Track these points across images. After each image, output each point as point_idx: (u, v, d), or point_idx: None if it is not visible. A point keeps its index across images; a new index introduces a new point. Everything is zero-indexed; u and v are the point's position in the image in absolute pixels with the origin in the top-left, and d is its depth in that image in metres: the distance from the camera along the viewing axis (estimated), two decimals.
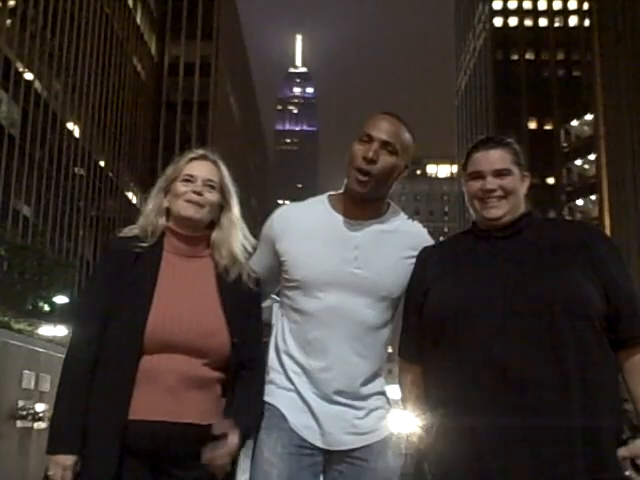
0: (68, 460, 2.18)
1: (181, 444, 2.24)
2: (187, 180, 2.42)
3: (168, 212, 2.46)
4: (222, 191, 2.47)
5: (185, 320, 2.29)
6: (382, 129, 2.36)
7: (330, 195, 2.53)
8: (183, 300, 2.33)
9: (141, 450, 2.21)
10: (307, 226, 2.46)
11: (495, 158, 2.23)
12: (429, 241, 2.48)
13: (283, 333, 2.47)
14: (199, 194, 2.40)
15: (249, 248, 2.51)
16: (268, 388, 2.44)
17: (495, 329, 2.02)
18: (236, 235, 2.48)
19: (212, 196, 2.43)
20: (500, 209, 2.19)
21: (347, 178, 2.43)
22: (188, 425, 2.24)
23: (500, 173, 2.21)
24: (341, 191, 2.50)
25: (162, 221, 2.44)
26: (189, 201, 2.40)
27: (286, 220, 2.51)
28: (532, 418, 1.95)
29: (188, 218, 2.41)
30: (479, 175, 2.23)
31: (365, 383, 2.39)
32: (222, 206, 2.48)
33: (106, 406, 2.21)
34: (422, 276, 2.31)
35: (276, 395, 2.42)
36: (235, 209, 2.51)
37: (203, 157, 2.48)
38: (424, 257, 2.36)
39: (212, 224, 2.48)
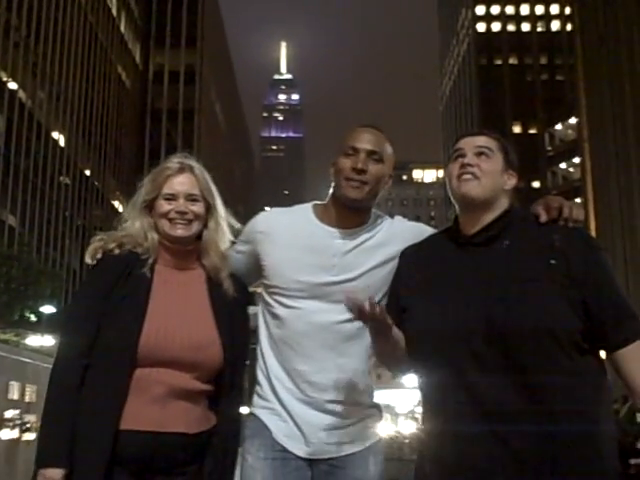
0: (57, 474, 2.15)
1: (169, 453, 2.24)
2: (169, 199, 2.41)
3: (156, 226, 2.45)
4: (205, 198, 2.46)
5: (177, 335, 2.28)
6: (365, 140, 2.41)
7: (315, 204, 2.54)
8: (175, 314, 2.33)
9: (129, 460, 2.20)
10: (288, 233, 2.47)
11: (480, 139, 2.20)
12: (415, 238, 2.40)
13: (269, 340, 2.47)
14: (183, 213, 2.40)
15: (235, 225, 2.54)
16: (254, 400, 2.47)
17: (464, 355, 2.01)
18: (223, 234, 2.49)
19: (197, 208, 2.43)
20: (475, 188, 2.13)
21: (337, 189, 2.43)
22: (175, 435, 2.24)
23: (481, 152, 2.17)
24: (326, 201, 2.51)
25: (156, 236, 2.42)
26: (175, 221, 2.39)
27: (269, 224, 2.52)
28: (500, 426, 1.95)
29: (178, 237, 2.41)
30: (461, 154, 2.19)
31: (349, 390, 2.38)
32: (208, 208, 2.47)
33: (98, 417, 2.19)
34: (397, 287, 2.31)
35: (259, 407, 2.45)
36: (219, 208, 2.50)
37: (180, 170, 2.44)
38: (402, 262, 2.34)
39: (200, 231, 2.47)
